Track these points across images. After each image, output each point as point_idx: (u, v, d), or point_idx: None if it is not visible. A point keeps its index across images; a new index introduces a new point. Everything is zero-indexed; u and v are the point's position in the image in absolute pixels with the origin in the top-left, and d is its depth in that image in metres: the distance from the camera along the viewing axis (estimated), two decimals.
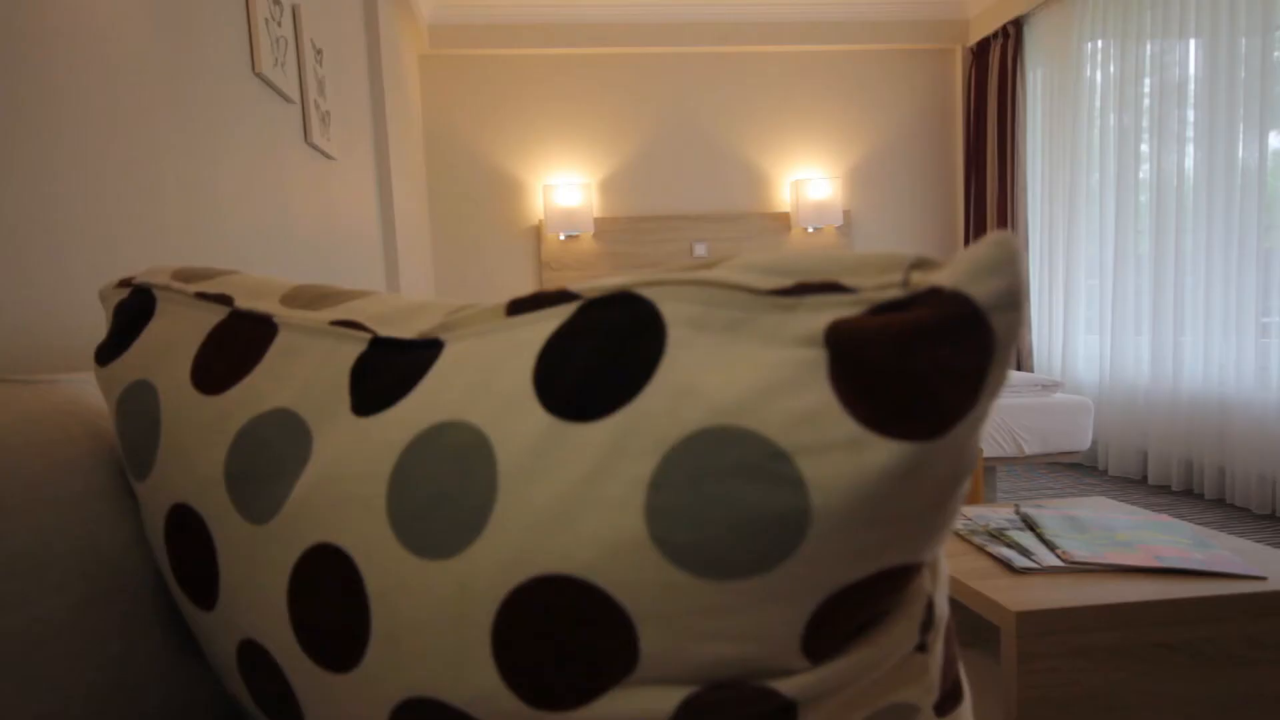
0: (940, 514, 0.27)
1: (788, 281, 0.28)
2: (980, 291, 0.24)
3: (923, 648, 0.33)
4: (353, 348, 0.38)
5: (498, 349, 0.32)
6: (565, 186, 4.39)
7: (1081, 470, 3.85)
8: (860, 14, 4.52)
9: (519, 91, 4.48)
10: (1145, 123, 3.46)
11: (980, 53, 4.49)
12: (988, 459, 2.77)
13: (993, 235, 0.25)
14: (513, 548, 0.28)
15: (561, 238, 4.49)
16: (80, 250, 1.05)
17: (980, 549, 1.11)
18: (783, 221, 4.64)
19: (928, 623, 0.32)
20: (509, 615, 0.28)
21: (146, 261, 1.32)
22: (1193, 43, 3.20)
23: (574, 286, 0.32)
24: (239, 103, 1.84)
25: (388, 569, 0.31)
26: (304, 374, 0.39)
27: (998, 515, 1.26)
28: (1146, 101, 3.43)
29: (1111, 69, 3.63)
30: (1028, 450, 2.77)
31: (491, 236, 4.53)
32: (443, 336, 0.35)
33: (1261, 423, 2.93)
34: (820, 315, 0.27)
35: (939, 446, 0.24)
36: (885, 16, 4.55)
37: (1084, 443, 2.81)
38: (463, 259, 4.52)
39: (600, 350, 0.29)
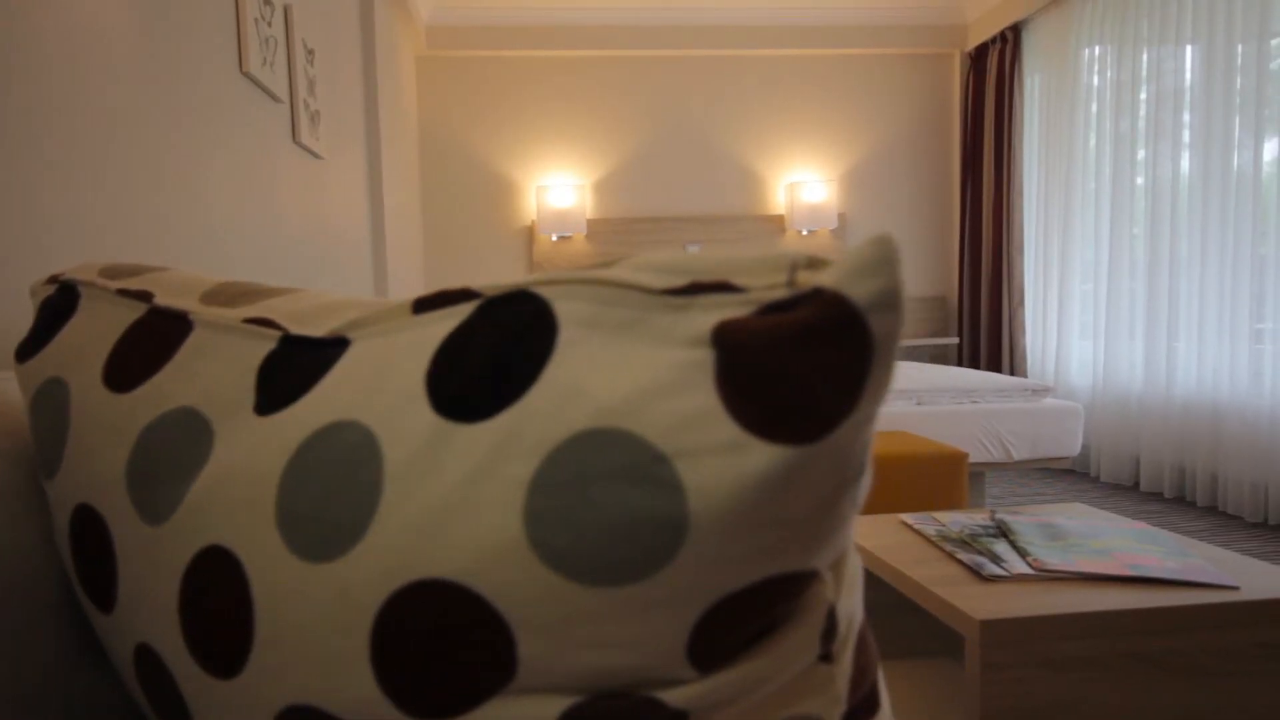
0: (827, 520, 0.26)
1: (681, 281, 0.27)
2: (858, 292, 0.23)
3: (827, 658, 0.32)
4: (262, 346, 0.38)
5: (398, 348, 0.32)
6: (559, 188, 4.39)
7: (1074, 476, 3.83)
8: (859, 19, 4.52)
9: (515, 93, 4.47)
10: (1141, 129, 3.45)
11: (978, 58, 4.48)
12: (976, 463, 2.76)
13: (875, 235, 0.24)
14: (393, 551, 0.28)
15: (554, 239, 4.48)
16: (56, 247, 1.04)
17: (950, 555, 1.10)
18: (777, 224, 4.63)
19: (830, 632, 0.31)
20: (387, 621, 0.28)
21: (125, 259, 1.32)
22: (1189, 49, 3.20)
23: (477, 285, 0.31)
24: (225, 102, 1.84)
25: (273, 572, 0.31)
26: (212, 372, 0.38)
27: (972, 521, 1.25)
28: (1143, 108, 3.43)
29: (1109, 75, 3.63)
30: (1016, 455, 2.75)
31: (484, 237, 4.52)
32: (350, 335, 0.35)
33: (1254, 430, 2.92)
34: (710, 315, 0.26)
35: (819, 450, 0.24)
36: (884, 21, 4.55)
37: (1073, 448, 2.80)
38: (455, 259, 4.52)
39: (492, 349, 0.29)
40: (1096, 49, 3.71)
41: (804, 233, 4.64)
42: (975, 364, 4.56)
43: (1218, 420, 3.09)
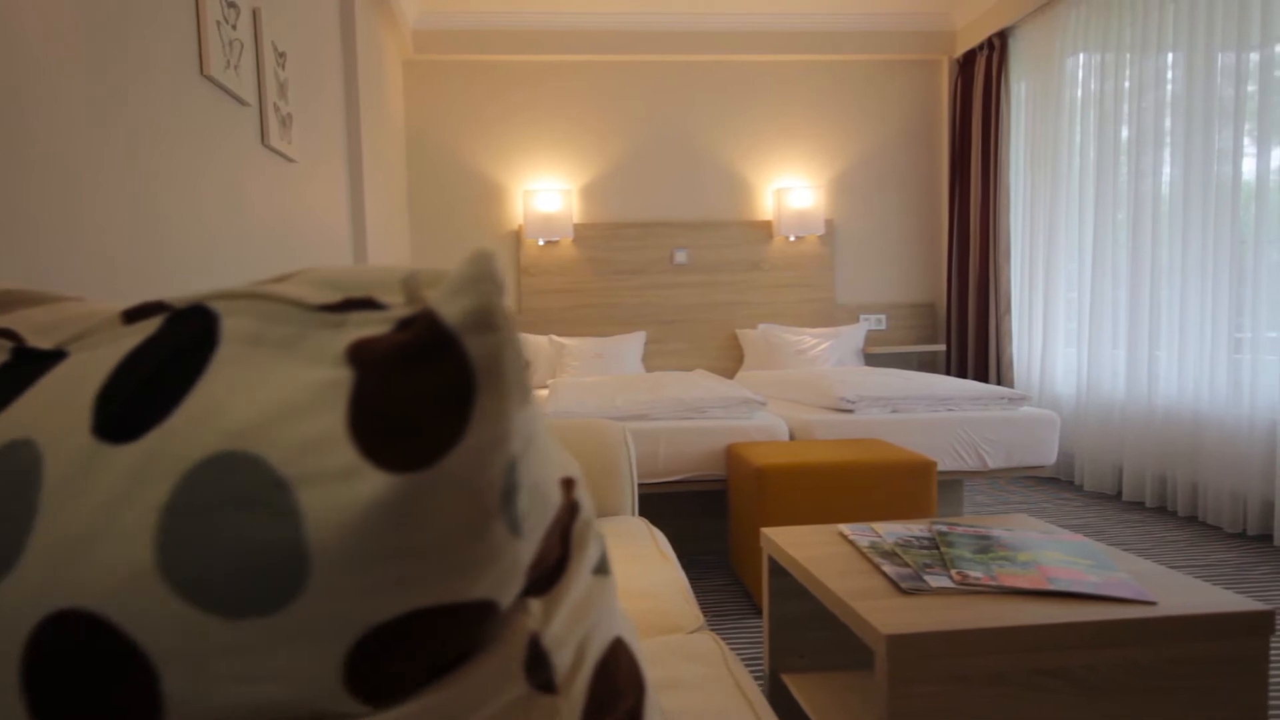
0: (471, 550, 0.25)
1: (337, 296, 0.26)
2: (450, 312, 0.22)
3: (547, 688, 0.31)
4: None
5: (91, 363, 0.31)
6: (545, 192, 4.39)
7: (1058, 485, 3.81)
8: (847, 25, 4.51)
9: (502, 97, 4.48)
10: (1125, 137, 3.43)
11: (966, 64, 4.47)
12: (950, 472, 2.74)
13: (473, 251, 0.23)
14: (40, 579, 0.27)
15: (541, 243, 4.48)
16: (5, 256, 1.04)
17: (877, 568, 1.08)
18: (765, 230, 4.62)
19: (536, 663, 0.30)
20: (35, 652, 0.27)
21: (70, 267, 1.31)
22: (1170, 56, 3.18)
23: (173, 297, 0.30)
24: (185, 104, 1.84)
25: None
26: None
27: (909, 532, 1.24)
28: (1126, 116, 3.41)
29: (1093, 83, 3.61)
30: (991, 464, 2.73)
31: (471, 241, 4.52)
32: (70, 347, 0.34)
33: (1234, 439, 2.90)
34: (354, 333, 0.25)
35: (431, 479, 0.23)
36: (872, 27, 4.54)
37: (1049, 458, 2.78)
38: (442, 263, 4.51)
39: (155, 367, 0.28)
40: (1081, 57, 3.70)
41: (791, 238, 4.63)
42: (962, 371, 4.54)
43: (1198, 429, 3.06)
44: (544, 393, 3.64)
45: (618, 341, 4.26)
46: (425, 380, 0.22)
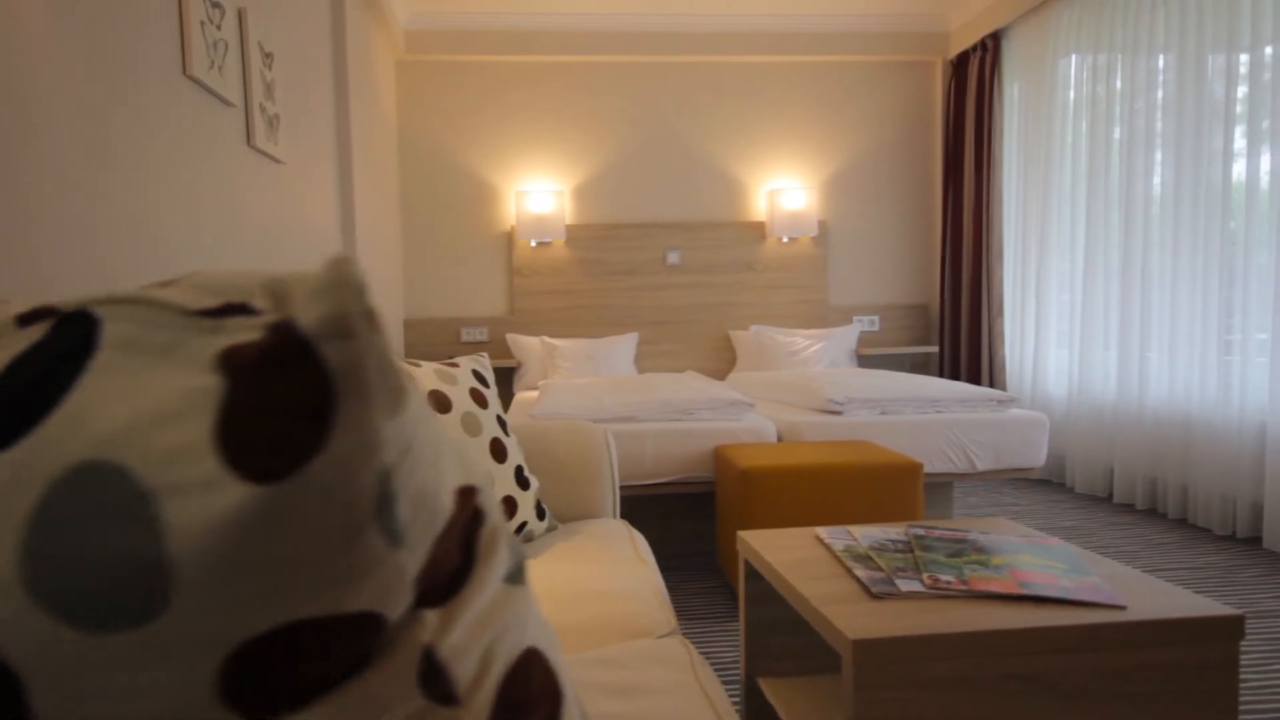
0: (340, 561, 0.24)
1: (217, 301, 0.26)
2: (307, 319, 0.22)
3: (449, 699, 0.30)
4: None
5: None
6: (538, 193, 4.38)
7: (1049, 487, 3.80)
8: (841, 26, 4.51)
9: (495, 97, 4.47)
10: (1116, 138, 3.43)
11: (960, 66, 4.47)
12: (939, 474, 2.74)
13: (331, 255, 0.23)
14: None
15: (533, 244, 4.48)
16: None
17: (849, 571, 1.08)
18: (758, 231, 4.62)
19: (433, 675, 0.29)
20: None
21: (48, 269, 1.31)
22: (1162, 59, 3.18)
23: (63, 300, 0.30)
24: (166, 104, 1.83)
25: None
26: None
27: (885, 535, 1.23)
28: (1118, 117, 3.41)
29: (1085, 84, 3.61)
30: (980, 466, 2.73)
31: (464, 242, 4.52)
32: None
33: (1224, 441, 2.89)
34: (228, 340, 0.24)
35: (293, 489, 0.22)
36: (866, 28, 4.54)
37: (1038, 459, 2.77)
38: (435, 264, 4.52)
39: (36, 372, 0.27)
40: (1074, 58, 3.70)
41: (784, 240, 4.63)
42: (955, 372, 4.53)
43: (1188, 432, 3.06)
44: (534, 394, 3.63)
45: (610, 343, 4.26)
46: (284, 388, 0.21)
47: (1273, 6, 2.69)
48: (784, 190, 4.52)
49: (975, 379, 4.34)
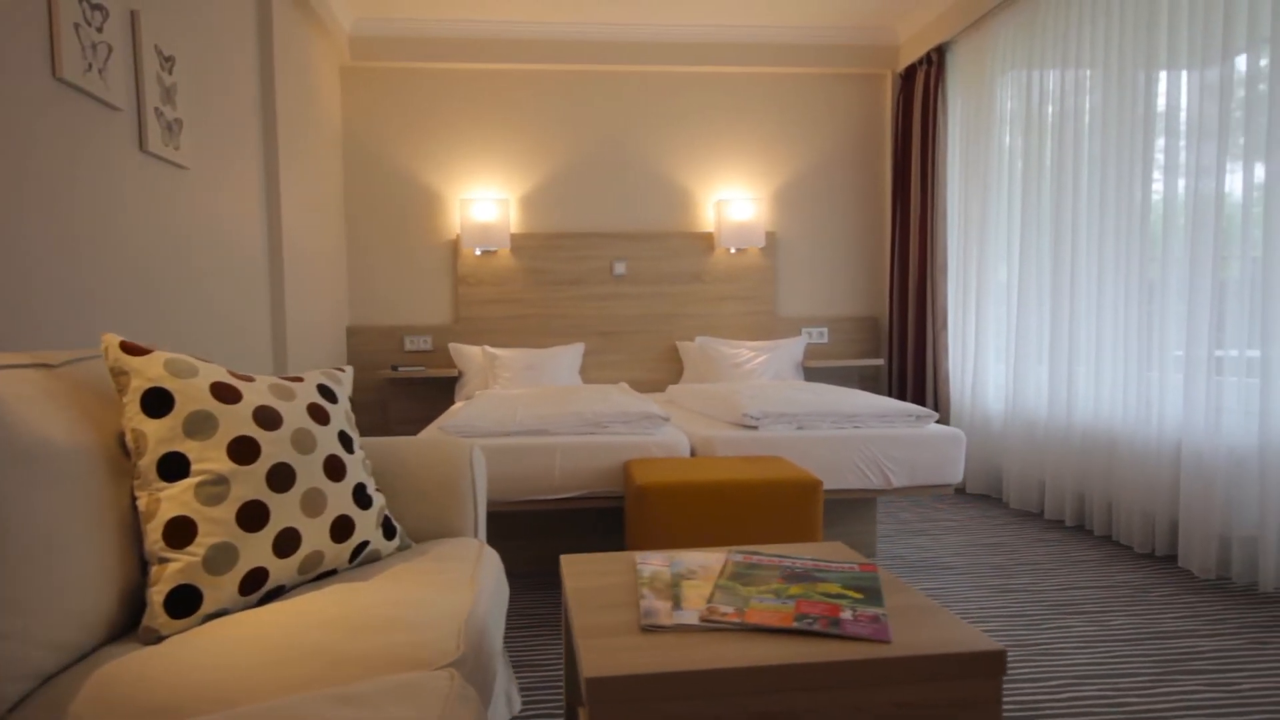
0: None
1: None
2: None
3: None
4: None
5: None
6: (483, 201, 4.35)
7: (987, 502, 3.78)
8: (791, 37, 4.51)
9: (441, 105, 4.45)
10: (1047, 154, 3.42)
11: (908, 79, 4.47)
12: (854, 490, 2.70)
13: None
14: None
15: (478, 253, 4.44)
16: None
17: (638, 601, 1.04)
18: (706, 242, 4.60)
19: None
20: None
21: None
22: (1088, 74, 3.17)
23: None
24: (34, 109, 1.79)
25: None
26: None
27: (706, 560, 1.20)
28: (1049, 134, 3.40)
29: (1020, 99, 3.61)
30: (895, 482, 2.70)
31: (409, 250, 4.48)
32: None
33: (1144, 459, 2.87)
34: None
35: None
36: (816, 40, 4.54)
37: (955, 476, 2.74)
38: (379, 272, 4.47)
39: None
40: (1010, 73, 3.69)
41: (732, 250, 4.60)
42: (902, 385, 4.51)
43: (1113, 449, 3.04)
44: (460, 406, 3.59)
45: (553, 354, 4.22)
46: None
47: (1188, 27, 2.68)
48: (732, 201, 4.50)
49: (920, 391, 4.32)
